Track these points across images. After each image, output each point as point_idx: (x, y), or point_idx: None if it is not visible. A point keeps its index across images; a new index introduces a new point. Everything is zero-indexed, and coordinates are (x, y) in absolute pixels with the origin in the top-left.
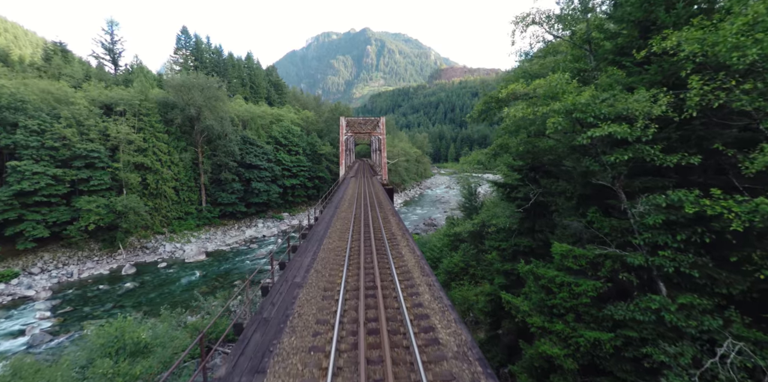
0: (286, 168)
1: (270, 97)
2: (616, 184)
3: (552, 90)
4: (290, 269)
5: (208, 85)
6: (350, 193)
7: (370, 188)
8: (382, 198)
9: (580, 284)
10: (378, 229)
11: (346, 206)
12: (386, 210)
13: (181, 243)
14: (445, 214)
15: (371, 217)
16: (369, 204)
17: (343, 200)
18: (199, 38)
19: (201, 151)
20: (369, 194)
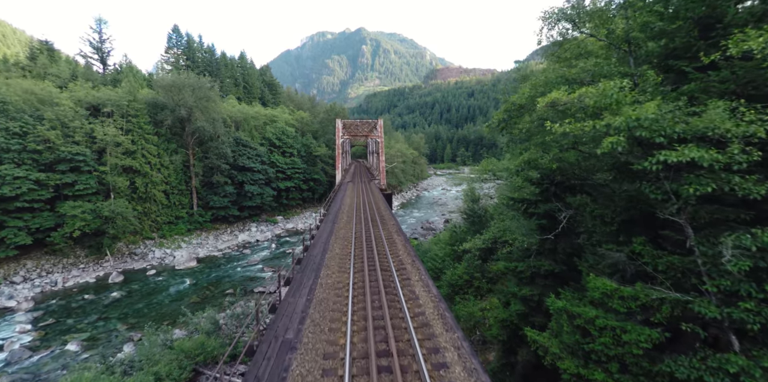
0: (280, 170)
1: (264, 98)
2: (682, 217)
3: (604, 100)
4: (281, 317)
5: (199, 85)
6: (348, 202)
7: (369, 196)
8: (383, 209)
9: (628, 330)
10: (383, 254)
11: (345, 221)
12: (389, 227)
13: (171, 249)
14: (443, 217)
15: (374, 236)
16: (370, 218)
17: (341, 213)
18: (190, 37)
19: (192, 154)
20: (368, 205)
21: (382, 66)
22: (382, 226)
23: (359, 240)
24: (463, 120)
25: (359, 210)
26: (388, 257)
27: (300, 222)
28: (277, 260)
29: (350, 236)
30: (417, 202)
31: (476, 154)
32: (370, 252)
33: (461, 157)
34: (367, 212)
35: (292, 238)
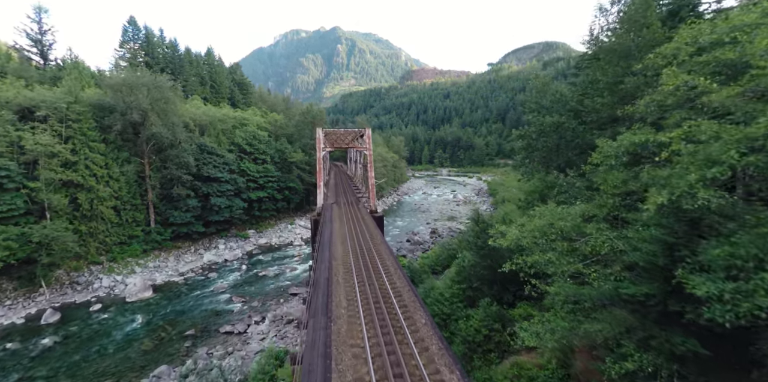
0: (251, 179)
1: (234, 98)
2: None
3: None
4: None
5: (156, 84)
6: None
7: (361, 227)
8: (386, 257)
9: None
10: (404, 342)
11: (343, 285)
12: (405, 298)
13: (122, 275)
14: (428, 226)
15: (389, 321)
16: (373, 271)
17: (336, 270)
18: (150, 30)
19: (148, 163)
20: (364, 245)
21: (357, 66)
22: (396, 297)
23: (369, 317)
24: (440, 121)
25: (356, 256)
26: (412, 347)
27: (274, 236)
28: (248, 286)
29: (358, 318)
30: (399, 208)
31: (453, 155)
32: (387, 335)
33: (439, 158)
34: (367, 260)
35: (266, 255)
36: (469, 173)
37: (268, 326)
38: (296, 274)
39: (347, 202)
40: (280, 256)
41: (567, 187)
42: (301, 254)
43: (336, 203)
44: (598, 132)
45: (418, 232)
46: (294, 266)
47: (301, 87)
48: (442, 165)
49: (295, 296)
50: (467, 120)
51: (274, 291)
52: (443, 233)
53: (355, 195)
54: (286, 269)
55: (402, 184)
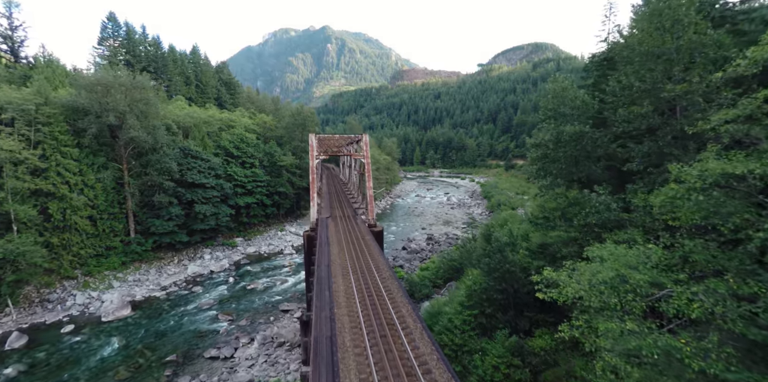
0: (239, 184)
1: (221, 98)
2: None
3: None
4: None
5: (134, 84)
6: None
7: (364, 254)
8: (400, 303)
9: None
10: None
11: (351, 351)
12: (416, 339)
13: (98, 291)
14: (423, 231)
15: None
16: (388, 326)
17: (341, 325)
18: (131, 27)
19: (127, 169)
20: (371, 281)
21: (347, 65)
22: (413, 353)
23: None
24: (431, 122)
25: (368, 317)
26: None
27: (263, 243)
28: (235, 302)
29: None
30: (392, 212)
31: (445, 156)
32: None
33: (430, 159)
34: (373, 297)
35: (254, 266)
36: (461, 174)
37: (257, 350)
38: (287, 287)
39: (343, 215)
40: (270, 266)
41: (601, 208)
42: (292, 264)
43: (331, 216)
44: (632, 145)
45: (414, 238)
46: (284, 278)
47: (291, 86)
48: (434, 166)
49: (286, 313)
50: (458, 121)
51: (264, 307)
52: (440, 239)
53: (351, 205)
54: (276, 281)
55: (394, 186)
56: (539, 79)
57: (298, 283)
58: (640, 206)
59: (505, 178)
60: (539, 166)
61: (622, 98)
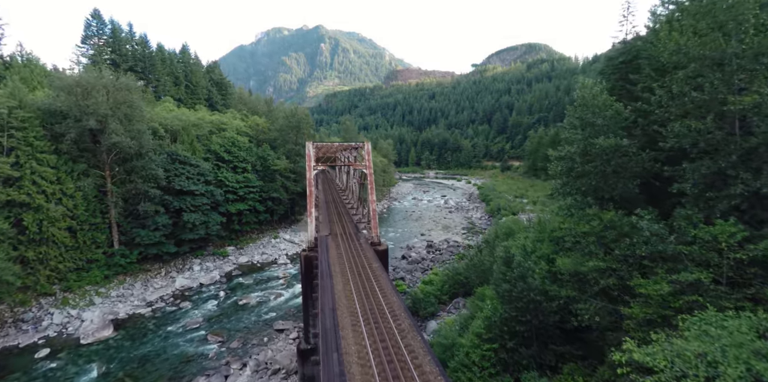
0: (230, 190)
1: (211, 99)
2: None
3: None
4: None
5: (118, 85)
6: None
7: (371, 283)
8: (423, 360)
9: None
10: None
11: None
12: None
13: (78, 308)
14: (422, 238)
15: None
16: None
17: (350, 363)
18: (116, 25)
19: (110, 176)
20: (384, 327)
21: (341, 65)
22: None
23: None
24: (425, 122)
25: (383, 373)
26: None
27: (256, 252)
28: (226, 320)
29: None
30: (389, 216)
31: (440, 157)
32: None
33: (426, 160)
34: (399, 376)
35: (247, 277)
36: (457, 176)
37: (249, 377)
38: (281, 302)
39: (344, 232)
40: (263, 278)
41: (652, 239)
42: (287, 275)
43: (331, 233)
44: (686, 164)
45: (413, 246)
46: (279, 292)
47: (284, 86)
48: (429, 167)
49: (281, 334)
50: (453, 121)
51: (257, 326)
52: (441, 246)
53: (351, 218)
54: (270, 295)
55: (391, 189)
56: (534, 79)
57: (293, 298)
58: (700, 237)
59: (501, 180)
60: (564, 181)
61: (671, 109)
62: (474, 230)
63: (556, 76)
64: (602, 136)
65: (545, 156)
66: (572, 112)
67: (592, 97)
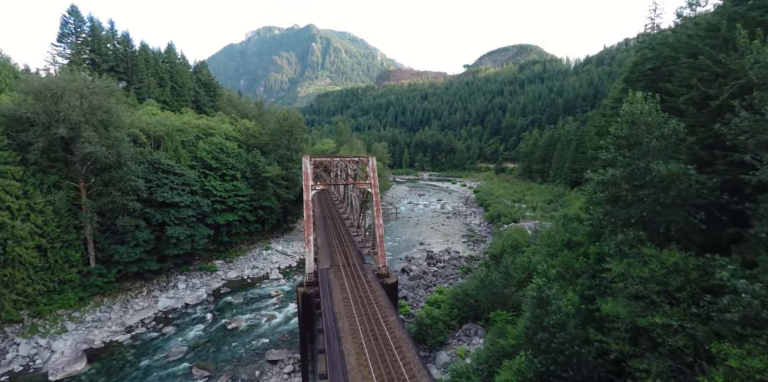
0: (218, 200)
1: (199, 101)
2: None
3: None
4: None
5: (93, 89)
6: None
7: (384, 335)
8: None
9: None
10: None
11: None
12: None
13: (48, 337)
14: (421, 247)
15: None
16: None
17: None
18: (96, 22)
19: (84, 188)
20: None
21: (332, 65)
22: None
23: None
24: (418, 123)
25: None
26: None
27: (246, 266)
28: (213, 348)
29: None
30: (385, 222)
31: (434, 159)
32: None
33: (419, 162)
34: None
35: (236, 295)
36: (451, 177)
37: None
38: (274, 326)
39: (348, 263)
40: (255, 296)
41: (744, 301)
42: (279, 293)
43: (333, 265)
44: None
45: (413, 257)
46: (271, 313)
47: (275, 86)
48: (423, 169)
49: (274, 365)
50: (446, 122)
51: (248, 356)
52: (442, 257)
53: (352, 239)
54: (261, 317)
55: (385, 193)
56: (526, 80)
57: (287, 320)
58: None
59: (497, 182)
60: (607, 210)
61: (759, 133)
62: (474, 238)
63: (548, 78)
64: (659, 161)
65: (541, 159)
66: (616, 130)
67: (641, 113)
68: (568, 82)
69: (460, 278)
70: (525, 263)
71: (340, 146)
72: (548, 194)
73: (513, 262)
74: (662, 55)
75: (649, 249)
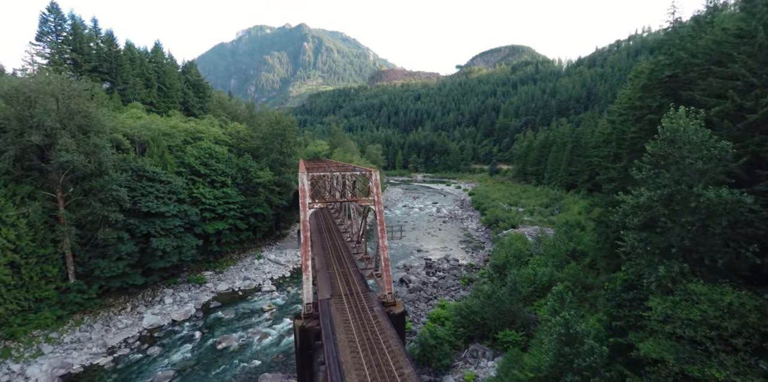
0: (207, 208)
1: (188, 102)
2: None
3: None
4: None
5: (70, 92)
6: None
7: (393, 376)
8: None
9: None
10: None
11: None
12: None
13: (22, 361)
14: (419, 254)
15: None
16: None
17: None
18: (78, 20)
19: (62, 198)
20: None
21: (324, 65)
22: None
23: None
24: (411, 124)
25: None
26: None
27: (237, 277)
28: (202, 371)
29: None
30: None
31: (428, 160)
32: None
33: (413, 163)
34: None
35: (227, 310)
36: (445, 179)
37: None
38: (267, 345)
39: (350, 291)
40: (246, 310)
41: None
42: (273, 308)
43: (334, 293)
44: None
45: (411, 265)
46: (264, 330)
47: (266, 85)
48: (417, 170)
49: None
50: (439, 123)
51: (239, 380)
52: (441, 266)
53: (352, 257)
54: (253, 335)
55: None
56: (519, 82)
57: (280, 339)
58: None
59: (491, 184)
60: (641, 237)
61: None
62: (473, 244)
63: (540, 79)
64: (705, 185)
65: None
66: (653, 148)
67: (689, 132)
68: (561, 83)
69: (461, 289)
70: (530, 275)
71: (334, 149)
72: (544, 197)
73: (518, 274)
74: (681, 61)
75: (697, 285)
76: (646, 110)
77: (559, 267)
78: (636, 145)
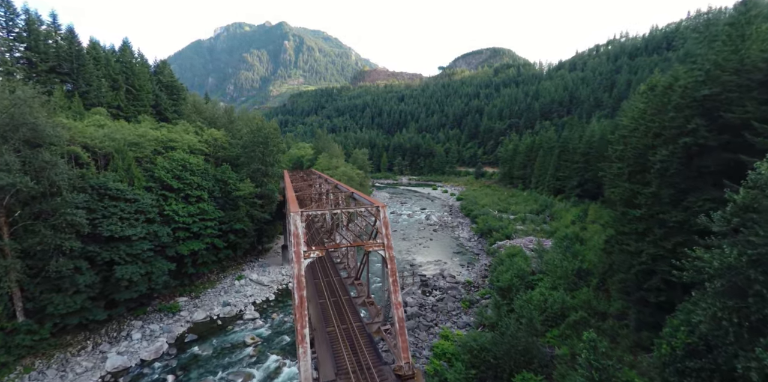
0: (181, 227)
1: (160, 106)
2: None
3: None
4: None
5: (14, 101)
6: None
7: None
8: None
9: None
10: None
11: None
12: None
13: None
14: (412, 270)
15: None
16: None
17: None
18: (34, 14)
19: (6, 224)
20: None
21: (306, 64)
22: None
23: None
24: (395, 125)
25: None
26: None
27: (216, 302)
28: None
29: None
30: None
31: (413, 162)
32: None
33: (398, 166)
34: None
35: (203, 344)
36: (431, 182)
37: None
38: None
39: (359, 366)
40: (227, 344)
41: None
42: (257, 340)
43: (339, 371)
44: None
45: (405, 284)
46: (248, 371)
47: (246, 84)
48: (402, 173)
49: None
50: (423, 125)
51: None
52: (438, 284)
53: (357, 313)
54: (236, 376)
55: None
56: (501, 84)
57: (267, 381)
58: None
59: (478, 188)
60: (724, 304)
61: None
62: (467, 256)
63: (522, 82)
64: None
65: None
66: (745, 198)
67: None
68: (543, 86)
69: (463, 314)
70: (540, 301)
71: (319, 154)
72: (533, 203)
73: (527, 300)
74: (719, 79)
75: None
76: (675, 130)
77: (568, 289)
78: (667, 171)
